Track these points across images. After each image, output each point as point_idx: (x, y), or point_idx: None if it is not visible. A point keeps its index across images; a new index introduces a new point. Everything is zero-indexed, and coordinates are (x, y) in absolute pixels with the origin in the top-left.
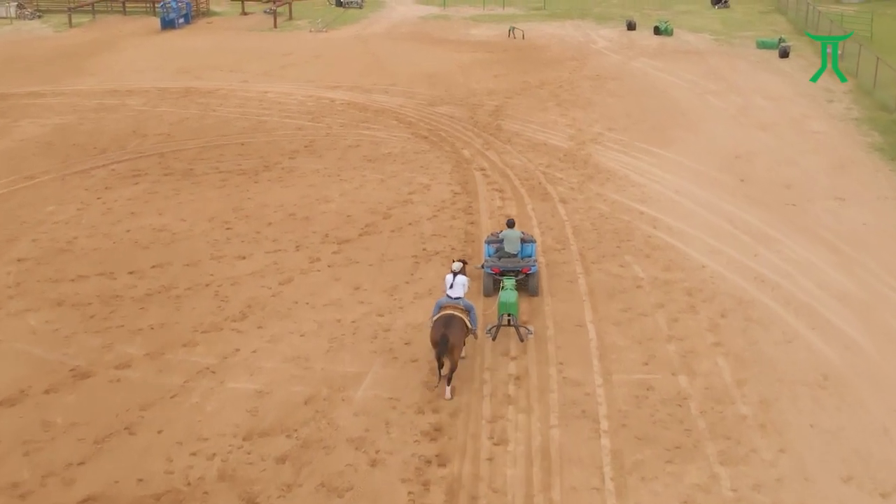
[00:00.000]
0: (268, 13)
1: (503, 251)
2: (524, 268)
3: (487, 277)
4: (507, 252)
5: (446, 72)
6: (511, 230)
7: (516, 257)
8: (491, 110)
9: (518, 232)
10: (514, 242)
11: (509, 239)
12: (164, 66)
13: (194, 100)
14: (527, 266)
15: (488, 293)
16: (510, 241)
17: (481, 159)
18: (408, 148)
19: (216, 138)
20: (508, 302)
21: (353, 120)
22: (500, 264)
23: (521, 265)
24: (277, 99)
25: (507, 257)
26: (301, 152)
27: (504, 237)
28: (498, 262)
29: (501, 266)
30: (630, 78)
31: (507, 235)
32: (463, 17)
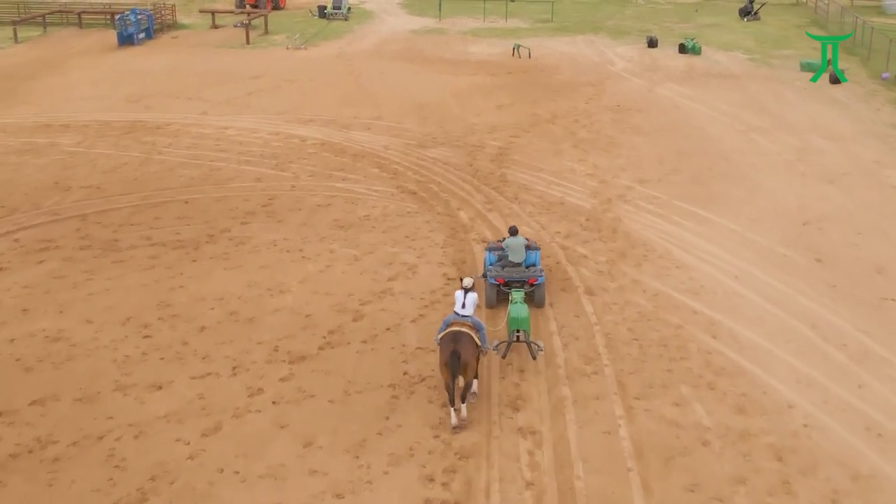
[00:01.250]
0: (238, 27)
1: (507, 260)
2: (531, 278)
3: (491, 288)
4: (512, 261)
5: (440, 101)
6: (515, 237)
7: (521, 266)
8: (493, 154)
9: (522, 239)
10: (518, 251)
11: (513, 247)
12: (112, 93)
13: (139, 138)
14: (533, 276)
15: (491, 305)
16: (514, 250)
17: (482, 225)
18: (391, 208)
19: (155, 193)
20: (520, 317)
21: (325, 167)
22: (504, 274)
23: (527, 275)
24: (238, 137)
25: (511, 267)
26: (257, 214)
27: (507, 245)
28: (502, 271)
29: (506, 276)
30: (657, 110)
31: (511, 244)
32: (460, 32)
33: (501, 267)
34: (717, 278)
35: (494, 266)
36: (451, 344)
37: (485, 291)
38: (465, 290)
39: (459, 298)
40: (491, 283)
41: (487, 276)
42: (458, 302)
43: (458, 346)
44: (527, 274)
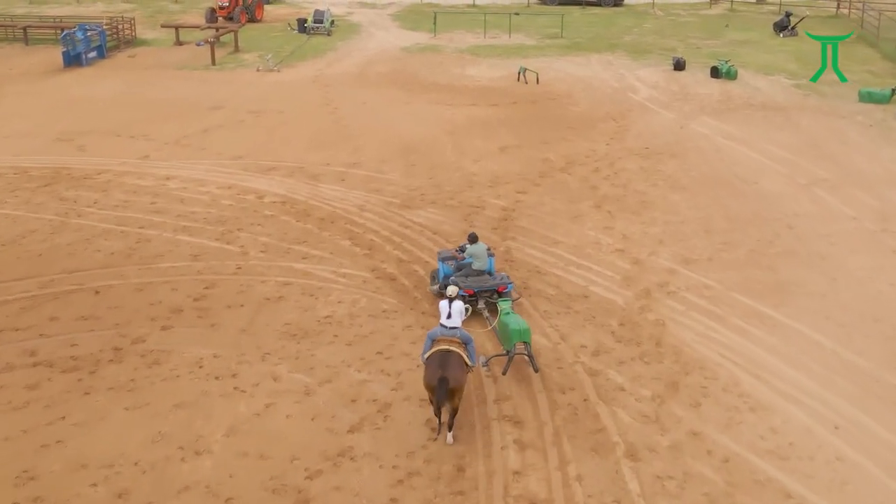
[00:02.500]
0: (201, 46)
1: (469, 269)
2: (500, 286)
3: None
4: (476, 269)
5: (432, 141)
6: (477, 244)
7: (485, 274)
8: (496, 217)
9: (484, 245)
10: (482, 258)
11: (477, 254)
12: (43, 129)
13: (59, 192)
14: (503, 284)
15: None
16: (479, 257)
17: (484, 336)
18: (361, 304)
19: (61, 277)
20: (522, 328)
21: (283, 237)
22: (471, 284)
23: (495, 283)
24: (181, 192)
25: (475, 275)
26: (185, 313)
27: (471, 253)
28: (467, 281)
29: (475, 286)
30: (695, 154)
31: (474, 251)
32: (458, 49)
33: (465, 276)
34: (811, 429)
35: (457, 276)
36: (439, 370)
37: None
38: (451, 300)
39: (445, 309)
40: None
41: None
42: (443, 313)
43: (446, 371)
44: (495, 282)
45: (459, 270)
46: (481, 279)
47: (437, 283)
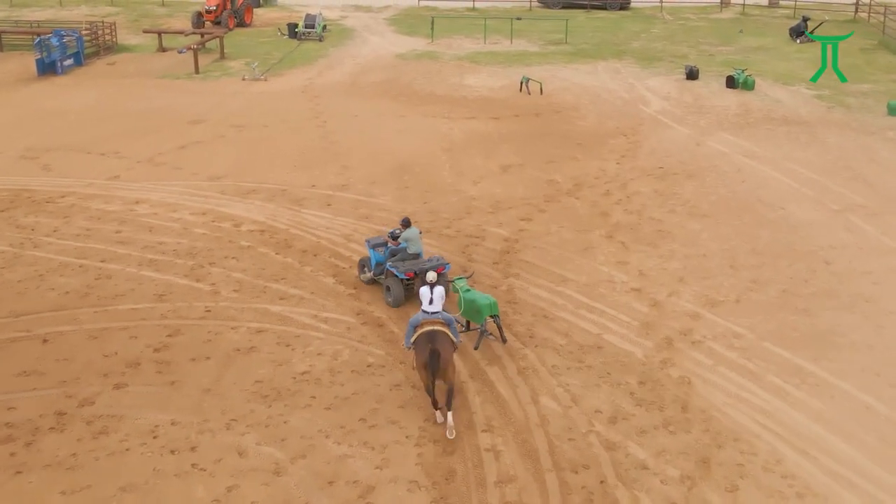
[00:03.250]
0: (183, 53)
1: (404, 253)
2: (439, 267)
3: (398, 283)
4: (411, 253)
5: (428, 159)
6: (411, 229)
7: (420, 257)
8: (498, 250)
9: (416, 229)
10: (417, 242)
11: (413, 239)
12: (8, 145)
13: (17, 219)
14: (441, 265)
15: (399, 303)
16: (414, 241)
17: (483, 388)
18: (344, 357)
19: (5, 322)
20: (491, 302)
21: (260, 273)
22: (411, 267)
23: (434, 265)
24: (150, 218)
25: (410, 259)
26: (143, 367)
27: (406, 238)
28: (405, 265)
29: (415, 269)
30: (714, 175)
31: (410, 235)
32: (456, 56)
33: (401, 261)
34: None
35: (393, 261)
36: (429, 343)
37: (389, 290)
38: (431, 285)
39: (426, 295)
40: (400, 279)
41: (397, 271)
42: (424, 299)
43: (435, 344)
44: (433, 264)
45: (393, 256)
46: (418, 262)
47: (371, 271)
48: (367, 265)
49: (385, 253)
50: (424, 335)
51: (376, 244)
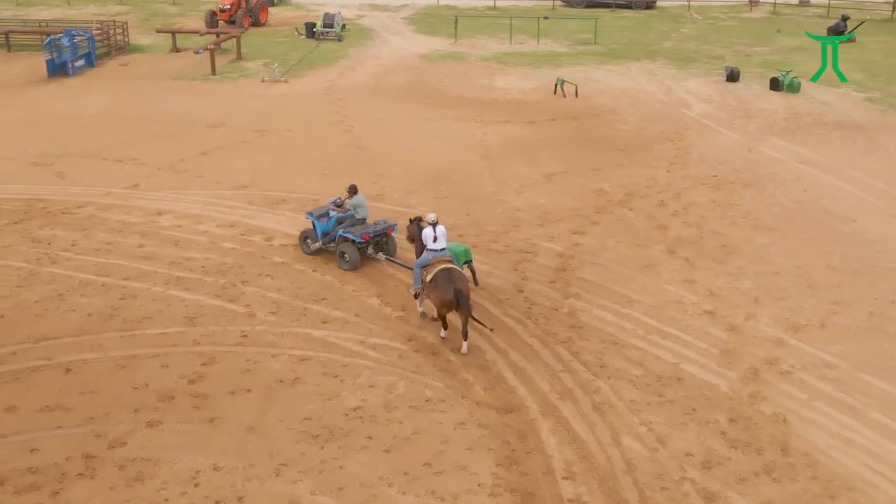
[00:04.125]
0: (200, 54)
1: (353, 219)
2: (388, 229)
3: (353, 248)
4: (360, 218)
5: (464, 167)
6: (358, 195)
7: (365, 221)
8: (552, 267)
9: (362, 196)
10: (364, 208)
11: (361, 204)
12: (18, 150)
13: (32, 231)
14: (389, 227)
15: (356, 266)
16: (362, 207)
17: (557, 426)
18: (399, 393)
19: (24, 349)
20: (465, 249)
21: (296, 293)
22: (364, 230)
23: (384, 228)
24: (175, 231)
25: (359, 224)
26: (177, 402)
27: (355, 204)
28: (356, 229)
29: (370, 232)
30: (773, 184)
31: (358, 202)
32: (482, 57)
33: (351, 226)
34: None
35: (344, 227)
36: (450, 283)
37: (344, 256)
38: (434, 225)
39: (430, 235)
40: (356, 242)
41: (352, 235)
42: (428, 239)
43: (457, 284)
44: (384, 226)
45: (341, 223)
46: (369, 226)
47: (318, 241)
48: (310, 237)
49: (329, 222)
50: (443, 274)
51: (319, 215)
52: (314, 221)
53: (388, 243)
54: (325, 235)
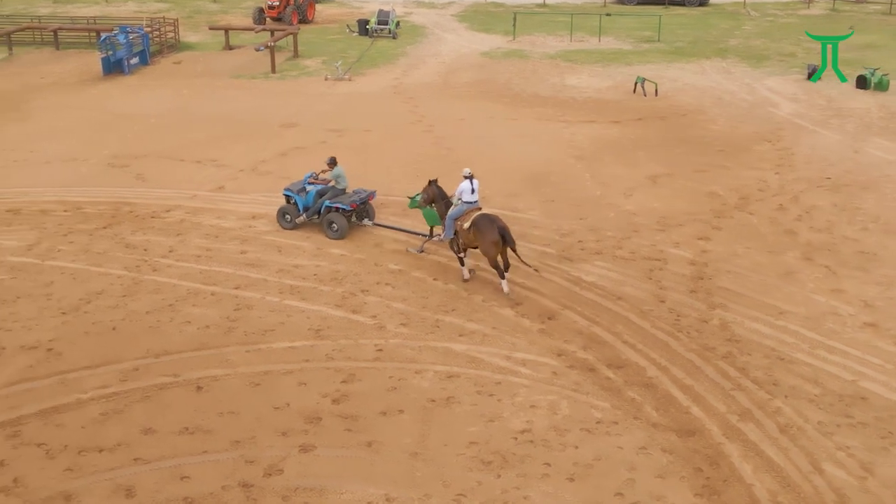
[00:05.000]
0: (261, 51)
1: (336, 190)
2: (370, 196)
3: (341, 217)
4: (341, 189)
5: (561, 168)
6: (338, 167)
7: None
8: (687, 275)
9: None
10: (344, 178)
11: (341, 175)
12: (90, 151)
13: (124, 236)
14: (371, 195)
15: (345, 234)
16: (342, 178)
17: (747, 451)
18: (566, 415)
19: (147, 365)
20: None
21: (423, 303)
22: (352, 199)
23: (367, 195)
24: (274, 236)
25: (342, 194)
26: (327, 424)
27: (338, 175)
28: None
29: (357, 200)
30: (893, 185)
31: (339, 172)
32: (547, 55)
33: (335, 196)
34: None
35: (330, 198)
36: (493, 223)
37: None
38: (470, 178)
39: (468, 188)
40: (345, 210)
41: (342, 204)
42: (467, 192)
43: (500, 222)
44: (367, 193)
45: (323, 196)
46: (353, 195)
47: (301, 215)
48: (289, 212)
49: (309, 196)
50: (484, 218)
51: (298, 189)
52: (295, 197)
53: (367, 210)
54: (307, 209)
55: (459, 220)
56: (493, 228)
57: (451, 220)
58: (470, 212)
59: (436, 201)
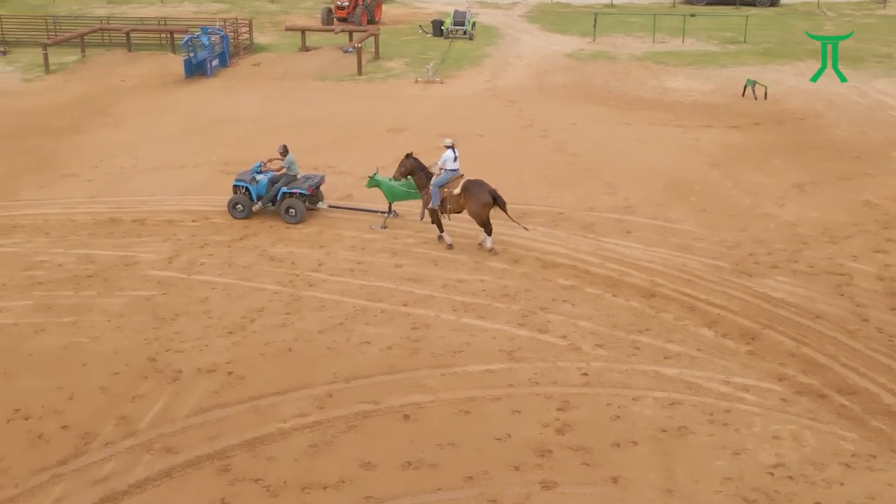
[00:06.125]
0: (349, 52)
1: (288, 176)
2: (321, 181)
3: (299, 202)
4: (293, 175)
5: (698, 175)
6: (290, 154)
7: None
8: (880, 292)
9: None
10: (296, 164)
11: (294, 162)
12: (201, 157)
13: (264, 248)
14: (321, 179)
15: (302, 219)
16: (294, 164)
17: None
18: (814, 447)
19: (337, 389)
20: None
21: (611, 322)
22: (308, 183)
23: (321, 179)
24: (423, 248)
25: (294, 180)
26: (558, 457)
27: (292, 161)
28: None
29: (313, 184)
30: None
31: (292, 160)
32: (634, 57)
33: (288, 182)
34: None
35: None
36: (483, 187)
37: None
38: (452, 147)
39: (451, 156)
40: (303, 195)
41: (301, 189)
42: (450, 160)
43: (489, 187)
44: (318, 178)
45: (275, 183)
46: (307, 180)
47: (256, 204)
48: (241, 203)
49: (261, 185)
50: (473, 183)
51: (250, 179)
52: (248, 186)
53: (317, 195)
54: (260, 198)
55: (447, 188)
56: (485, 191)
57: (437, 188)
58: (455, 179)
59: (414, 172)
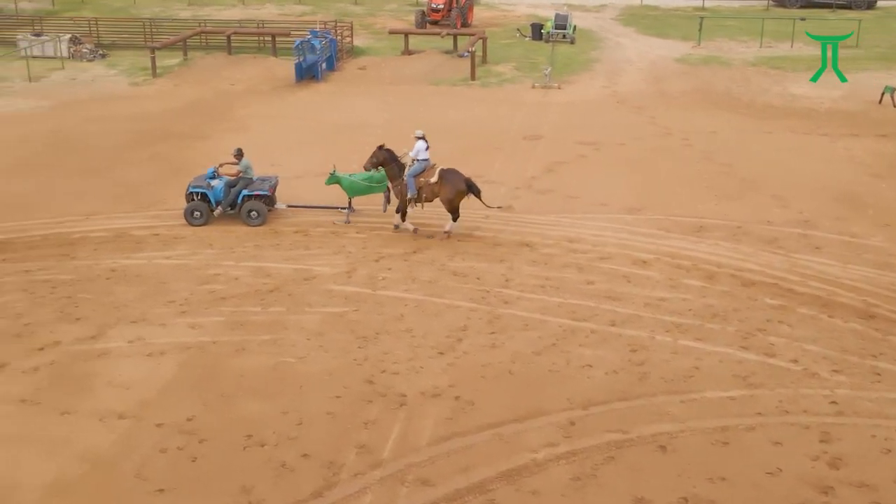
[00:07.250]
0: (465, 56)
1: (246, 179)
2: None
3: (260, 204)
4: (248, 178)
5: (865, 186)
6: (245, 158)
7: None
8: None
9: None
10: (252, 168)
11: (250, 166)
12: (339, 162)
13: (441, 262)
14: (276, 181)
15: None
16: (251, 168)
17: None
18: None
19: (581, 418)
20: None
21: (837, 345)
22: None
23: (276, 181)
24: (610, 263)
25: (251, 183)
26: (839, 492)
27: (249, 165)
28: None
29: (271, 185)
30: None
31: (248, 164)
32: (746, 61)
33: (246, 185)
34: None
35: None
36: (458, 175)
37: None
38: (423, 138)
39: (423, 146)
40: (264, 196)
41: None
42: (422, 151)
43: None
44: (274, 179)
45: (233, 187)
46: (263, 182)
47: (217, 209)
48: (198, 209)
49: (217, 190)
50: (449, 172)
51: (206, 183)
52: (205, 192)
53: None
54: (219, 203)
55: (423, 177)
56: (460, 179)
57: (412, 178)
58: (430, 168)
59: (387, 164)
